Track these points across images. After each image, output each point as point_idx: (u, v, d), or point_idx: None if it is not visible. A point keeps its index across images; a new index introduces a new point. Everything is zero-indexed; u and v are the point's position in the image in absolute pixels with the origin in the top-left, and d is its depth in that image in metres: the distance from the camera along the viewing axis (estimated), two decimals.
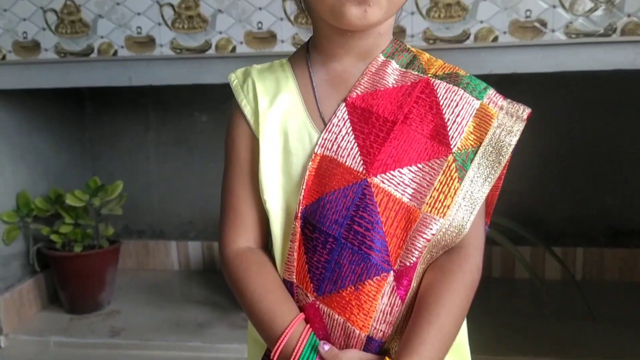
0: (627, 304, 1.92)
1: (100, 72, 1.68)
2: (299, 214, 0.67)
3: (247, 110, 0.72)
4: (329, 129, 0.69)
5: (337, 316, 0.66)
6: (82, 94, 2.34)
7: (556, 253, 1.90)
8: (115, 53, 1.85)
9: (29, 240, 2.00)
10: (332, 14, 0.65)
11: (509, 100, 0.73)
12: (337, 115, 0.69)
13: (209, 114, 2.28)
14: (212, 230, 2.37)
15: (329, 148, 0.68)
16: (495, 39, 1.62)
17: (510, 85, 1.57)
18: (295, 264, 0.67)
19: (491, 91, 0.72)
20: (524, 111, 0.71)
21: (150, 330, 1.86)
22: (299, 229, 0.67)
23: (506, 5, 1.60)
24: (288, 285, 0.69)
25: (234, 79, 0.75)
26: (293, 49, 1.78)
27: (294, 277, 0.67)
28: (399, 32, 1.66)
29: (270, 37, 1.77)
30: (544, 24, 1.59)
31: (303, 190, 0.67)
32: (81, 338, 1.84)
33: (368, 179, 0.66)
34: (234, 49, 1.79)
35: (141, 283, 2.25)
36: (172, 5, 1.80)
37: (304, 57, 0.74)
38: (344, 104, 0.70)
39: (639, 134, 1.97)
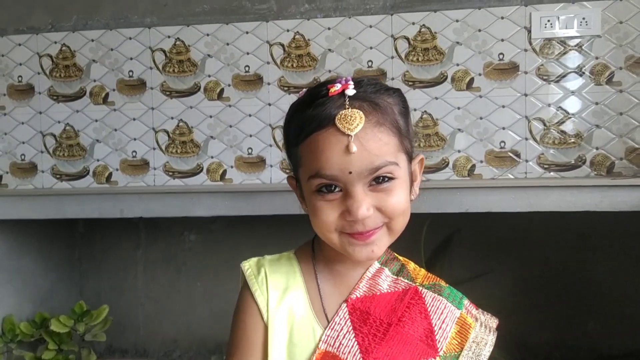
0: None
1: (92, 205, 1.72)
2: None
3: (261, 300, 0.77)
4: (332, 327, 0.75)
5: None
6: None
7: None
8: (110, 176, 1.92)
9: None
10: (340, 249, 0.75)
11: (480, 310, 0.84)
12: (339, 314, 0.76)
13: (198, 234, 2.32)
14: (196, 350, 2.33)
15: (332, 344, 0.74)
16: (473, 167, 1.71)
17: (488, 214, 1.64)
18: None
19: (466, 301, 0.82)
20: (494, 322, 0.82)
21: None
22: None
23: (481, 137, 1.71)
24: None
25: (248, 268, 0.81)
26: (281, 174, 1.86)
27: None
28: None
29: (260, 162, 1.86)
30: (517, 155, 1.70)
31: None
32: None
33: None
34: (224, 172, 1.87)
35: None
36: (166, 132, 1.90)
37: (310, 255, 0.82)
38: (345, 305, 0.77)
39: (615, 264, 2.03)
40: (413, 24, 1.73)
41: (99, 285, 2.32)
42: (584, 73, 1.66)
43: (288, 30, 1.80)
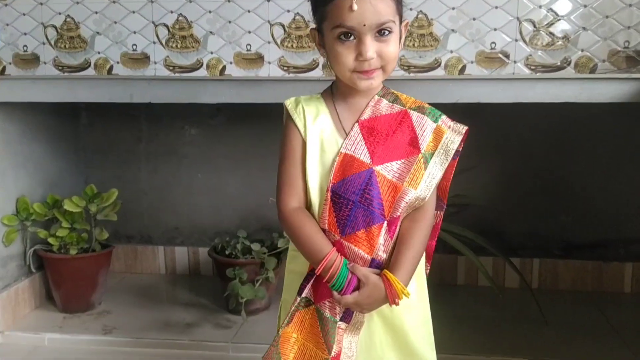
0: (577, 311, 2.10)
1: (103, 90, 1.80)
2: (330, 188, 1.09)
3: (300, 123, 1.12)
4: (349, 138, 1.11)
5: (353, 247, 1.07)
6: (77, 105, 2.44)
7: (515, 263, 2.07)
8: (111, 69, 1.97)
9: (26, 243, 2.10)
10: (349, 82, 1.09)
11: (455, 122, 1.15)
12: (354, 130, 1.12)
13: (198, 128, 2.41)
14: (197, 237, 2.49)
15: (349, 149, 1.10)
16: (464, 67, 1.79)
17: (477, 113, 1.74)
18: (327, 219, 1.09)
19: (444, 117, 1.15)
20: (463, 128, 1.14)
21: (140, 329, 1.97)
22: (329, 197, 1.09)
23: (473, 38, 1.77)
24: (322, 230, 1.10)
25: (289, 103, 1.15)
26: (279, 70, 1.93)
27: (326, 225, 1.09)
28: None
29: (258, 59, 1.91)
30: (507, 56, 1.77)
31: (332, 174, 1.09)
32: (75, 335, 1.95)
33: (373, 167, 1.08)
34: (224, 68, 1.93)
35: (130, 285, 2.35)
36: (166, 26, 1.93)
37: (330, 93, 1.17)
38: (357, 124, 1.13)
39: (588, 159, 2.16)
40: None
41: (104, 175, 2.43)
42: None
43: (289, 11, 1.84)
